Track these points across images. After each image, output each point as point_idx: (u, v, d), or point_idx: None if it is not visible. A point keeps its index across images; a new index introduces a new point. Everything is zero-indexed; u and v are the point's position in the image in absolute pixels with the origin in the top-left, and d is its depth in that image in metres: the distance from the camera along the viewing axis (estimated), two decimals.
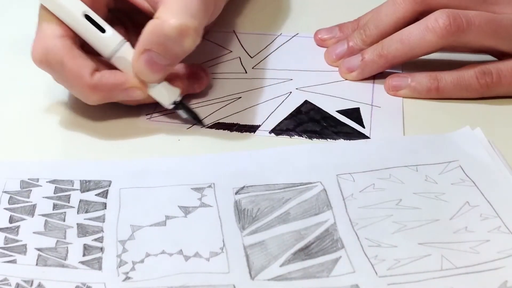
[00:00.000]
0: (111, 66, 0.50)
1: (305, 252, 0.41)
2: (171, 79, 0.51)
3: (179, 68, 0.54)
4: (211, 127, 0.52)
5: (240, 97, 0.55)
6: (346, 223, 0.43)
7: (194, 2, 0.48)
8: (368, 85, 0.56)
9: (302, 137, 0.51)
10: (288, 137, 0.51)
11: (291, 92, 0.55)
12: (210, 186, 0.46)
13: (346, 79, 0.57)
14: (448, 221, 0.43)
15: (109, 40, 0.49)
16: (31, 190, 0.45)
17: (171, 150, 0.50)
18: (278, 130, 0.51)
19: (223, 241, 0.42)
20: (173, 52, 0.49)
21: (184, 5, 0.48)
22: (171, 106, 0.51)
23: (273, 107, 0.54)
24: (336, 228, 0.42)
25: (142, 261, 0.40)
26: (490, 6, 0.53)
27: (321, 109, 0.53)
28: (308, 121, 0.52)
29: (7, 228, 0.42)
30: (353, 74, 0.56)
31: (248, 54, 0.60)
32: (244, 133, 0.51)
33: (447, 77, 0.53)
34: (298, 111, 0.53)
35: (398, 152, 0.48)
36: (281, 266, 0.40)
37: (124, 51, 0.49)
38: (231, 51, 0.61)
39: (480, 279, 0.39)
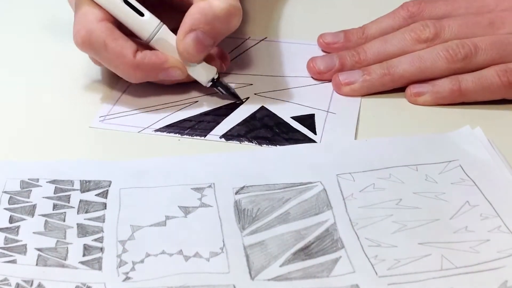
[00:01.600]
0: (148, 48, 0.52)
1: (305, 252, 0.41)
2: (207, 59, 0.53)
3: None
4: (162, 130, 0.51)
5: (197, 101, 0.55)
6: (346, 223, 0.43)
7: None
8: (327, 92, 0.55)
9: (252, 143, 0.50)
10: (238, 142, 0.50)
11: (248, 98, 0.55)
12: (210, 186, 0.46)
13: (340, 93, 0.55)
14: (448, 221, 0.43)
15: (148, 23, 0.52)
16: (31, 190, 0.45)
17: (171, 150, 0.50)
18: (229, 135, 0.51)
19: (223, 241, 0.42)
20: (219, 31, 0.52)
21: None
22: (209, 84, 0.53)
23: (228, 112, 0.53)
24: (336, 228, 0.42)
25: (142, 261, 0.40)
26: (498, 30, 0.54)
27: (276, 115, 0.53)
28: (261, 127, 0.52)
29: (7, 228, 0.42)
30: (351, 87, 0.55)
31: None
32: (195, 137, 0.51)
33: (468, 78, 0.53)
34: (253, 116, 0.53)
35: (398, 152, 0.48)
36: (281, 266, 0.40)
37: (162, 33, 0.52)
38: None
39: (480, 279, 0.39)
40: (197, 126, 0.52)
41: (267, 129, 0.52)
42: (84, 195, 0.45)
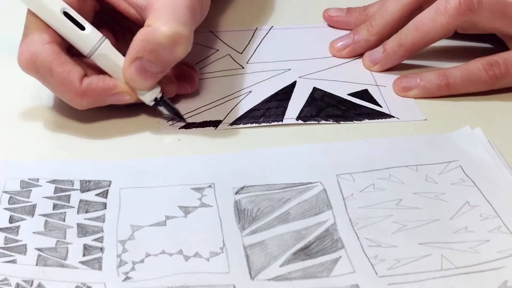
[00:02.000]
0: (99, 69, 0.50)
1: (305, 252, 0.41)
2: (161, 82, 0.51)
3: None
4: (237, 123, 0.52)
5: (251, 91, 0.55)
6: (346, 223, 0.43)
7: (184, 10, 0.49)
8: (363, 67, 0.58)
9: (329, 121, 0.52)
10: (316, 122, 0.52)
11: (296, 81, 0.56)
12: (210, 186, 0.46)
13: (371, 71, 0.58)
14: (448, 221, 0.43)
15: (89, 37, 0.49)
16: (31, 190, 0.45)
17: (171, 150, 0.50)
18: (304, 117, 0.52)
19: (223, 241, 0.42)
20: (164, 59, 0.49)
21: (174, 13, 0.48)
22: (152, 103, 0.51)
23: (288, 96, 0.55)
24: (336, 228, 0.42)
25: (142, 261, 0.40)
26: None
27: (333, 94, 0.55)
28: (327, 107, 0.53)
29: (7, 228, 0.42)
30: (377, 66, 0.58)
31: (235, 50, 0.61)
32: (273, 123, 0.52)
33: (456, 72, 0.54)
34: (312, 98, 0.54)
35: (398, 152, 0.48)
36: (281, 266, 0.40)
37: (104, 49, 0.49)
38: (218, 50, 0.61)
39: (480, 279, 0.39)
40: (268, 113, 0.53)
41: (333, 108, 0.53)
42: (84, 195, 0.45)
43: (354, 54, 0.59)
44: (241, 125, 0.52)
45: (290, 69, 0.58)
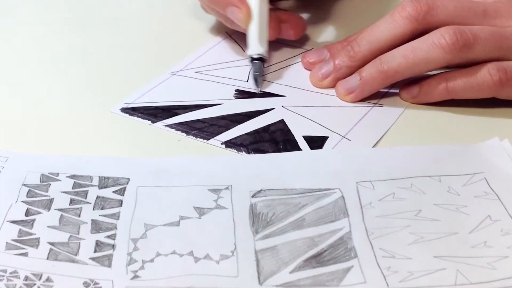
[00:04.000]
0: None
1: (317, 259, 0.40)
2: (282, 19, 0.58)
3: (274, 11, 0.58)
4: (172, 127, 0.51)
5: (222, 104, 0.54)
6: (361, 232, 0.42)
7: None
8: (355, 117, 0.52)
9: (250, 154, 0.49)
10: (236, 152, 0.49)
11: (274, 108, 0.53)
12: (227, 188, 0.45)
13: (345, 101, 0.54)
14: (467, 235, 0.41)
15: None
16: (50, 184, 0.46)
17: (170, 151, 0.49)
18: (231, 143, 0.50)
19: (235, 244, 0.41)
20: None
21: None
22: (252, 56, 0.56)
23: (244, 119, 0.52)
24: (350, 236, 0.42)
25: (152, 261, 0.40)
26: (491, 20, 0.52)
27: (290, 131, 0.51)
28: (267, 141, 0.50)
29: (22, 221, 0.43)
30: (352, 95, 0.53)
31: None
32: (198, 139, 0.50)
33: (457, 75, 0.51)
34: (266, 128, 0.51)
35: (421, 162, 0.47)
36: (291, 272, 0.39)
37: None
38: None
39: None
40: (206, 129, 0.51)
41: (272, 144, 0.50)
42: (102, 191, 0.45)
43: (336, 83, 0.55)
44: (173, 130, 0.51)
45: (285, 96, 0.54)
